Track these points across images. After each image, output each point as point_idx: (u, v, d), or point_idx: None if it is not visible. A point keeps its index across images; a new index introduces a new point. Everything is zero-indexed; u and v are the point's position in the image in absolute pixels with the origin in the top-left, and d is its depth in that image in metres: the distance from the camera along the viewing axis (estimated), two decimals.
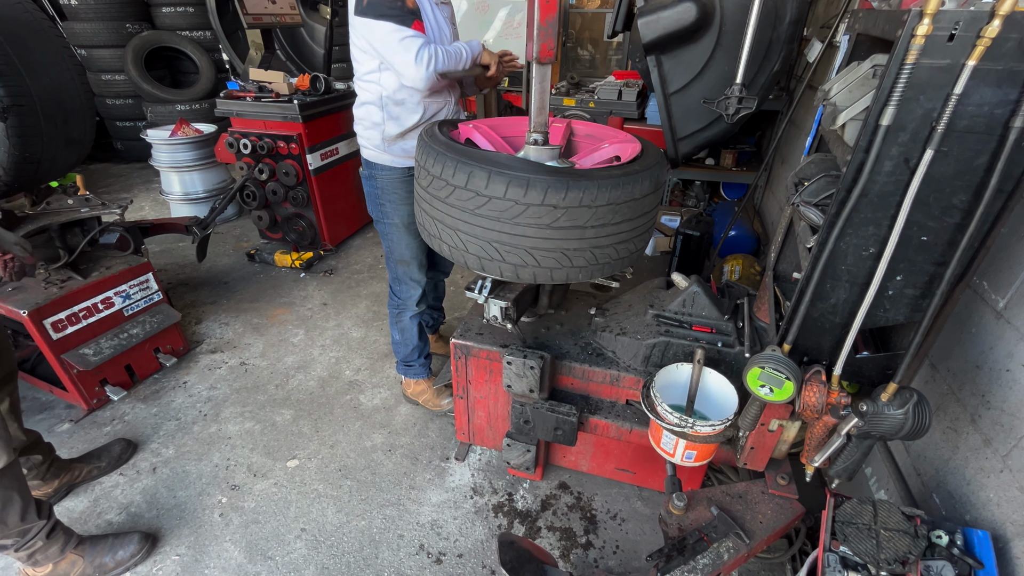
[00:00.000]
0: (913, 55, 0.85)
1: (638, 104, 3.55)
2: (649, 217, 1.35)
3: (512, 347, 1.64)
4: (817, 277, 1.11)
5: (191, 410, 2.34)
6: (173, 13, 5.12)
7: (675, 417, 1.35)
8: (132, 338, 2.35)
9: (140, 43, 4.91)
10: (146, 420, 2.28)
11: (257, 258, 3.62)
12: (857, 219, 1.03)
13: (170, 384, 2.49)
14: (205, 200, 4.09)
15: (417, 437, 2.21)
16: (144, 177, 5.27)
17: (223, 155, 3.45)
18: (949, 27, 0.83)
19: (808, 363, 1.25)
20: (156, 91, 4.98)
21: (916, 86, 0.89)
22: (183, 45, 5.11)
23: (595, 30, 6.19)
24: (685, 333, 1.59)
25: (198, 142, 3.93)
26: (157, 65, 5.16)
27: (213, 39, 5.23)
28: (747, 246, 3.26)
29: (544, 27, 1.19)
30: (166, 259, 3.66)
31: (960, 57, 0.85)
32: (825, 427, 1.23)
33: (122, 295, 2.33)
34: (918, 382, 1.54)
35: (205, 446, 2.15)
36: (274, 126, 3.24)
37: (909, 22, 0.84)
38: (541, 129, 1.36)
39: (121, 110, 5.38)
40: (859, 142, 0.96)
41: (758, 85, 2.34)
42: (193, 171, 4.01)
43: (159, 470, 2.04)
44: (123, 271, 2.31)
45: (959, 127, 0.90)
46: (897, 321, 1.11)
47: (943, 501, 1.36)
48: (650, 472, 1.91)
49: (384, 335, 2.88)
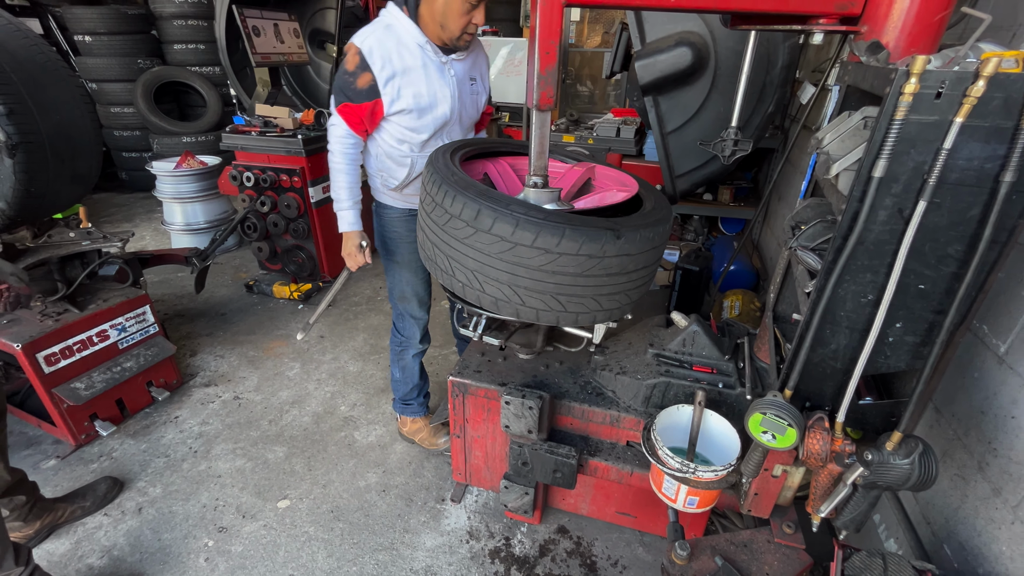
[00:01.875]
0: (902, 112, 0.88)
1: (636, 141, 3.64)
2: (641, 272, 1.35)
3: (510, 386, 1.63)
4: (816, 323, 1.11)
5: (181, 446, 2.30)
6: (184, 50, 5.30)
7: (677, 462, 1.33)
8: (125, 372, 2.33)
9: (151, 78, 5.07)
10: (134, 457, 2.23)
11: (255, 289, 3.63)
12: (854, 266, 1.04)
13: (161, 419, 2.46)
14: (206, 231, 4.13)
15: (412, 477, 2.17)
16: (147, 207, 5.34)
17: (226, 187, 3.51)
18: (935, 86, 0.86)
19: (810, 409, 1.23)
20: (163, 124, 5.11)
21: (906, 140, 0.91)
22: (192, 80, 5.26)
23: (594, 67, 6.40)
24: (685, 373, 1.58)
25: (202, 174, 4.00)
26: (165, 99, 5.30)
27: (222, 74, 5.39)
28: (747, 281, 3.28)
29: (544, 76, 1.23)
30: (164, 289, 3.66)
31: (948, 114, 0.87)
32: (830, 475, 1.21)
33: (118, 328, 2.32)
34: (923, 427, 1.53)
35: (194, 485, 2.10)
36: (278, 160, 3.30)
37: (897, 80, 0.87)
38: (541, 172, 1.38)
39: (128, 141, 5.50)
40: (853, 192, 0.98)
41: (753, 127, 2.41)
42: (196, 202, 4.06)
43: (145, 510, 1.99)
44: (120, 303, 2.31)
45: (950, 180, 0.92)
46: (899, 368, 1.11)
47: (955, 553, 1.32)
48: (652, 516, 1.86)
49: (381, 369, 2.86)
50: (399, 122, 1.72)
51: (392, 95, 1.66)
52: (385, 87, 1.64)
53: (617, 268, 1.23)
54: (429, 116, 1.71)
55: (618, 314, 1.37)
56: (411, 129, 1.73)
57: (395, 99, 1.66)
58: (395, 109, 1.68)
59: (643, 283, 1.37)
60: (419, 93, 1.68)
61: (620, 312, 1.37)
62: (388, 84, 1.64)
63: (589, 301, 1.27)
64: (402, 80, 1.65)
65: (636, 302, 1.39)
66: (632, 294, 1.34)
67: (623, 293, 1.31)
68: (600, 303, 1.29)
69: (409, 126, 1.73)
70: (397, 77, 1.64)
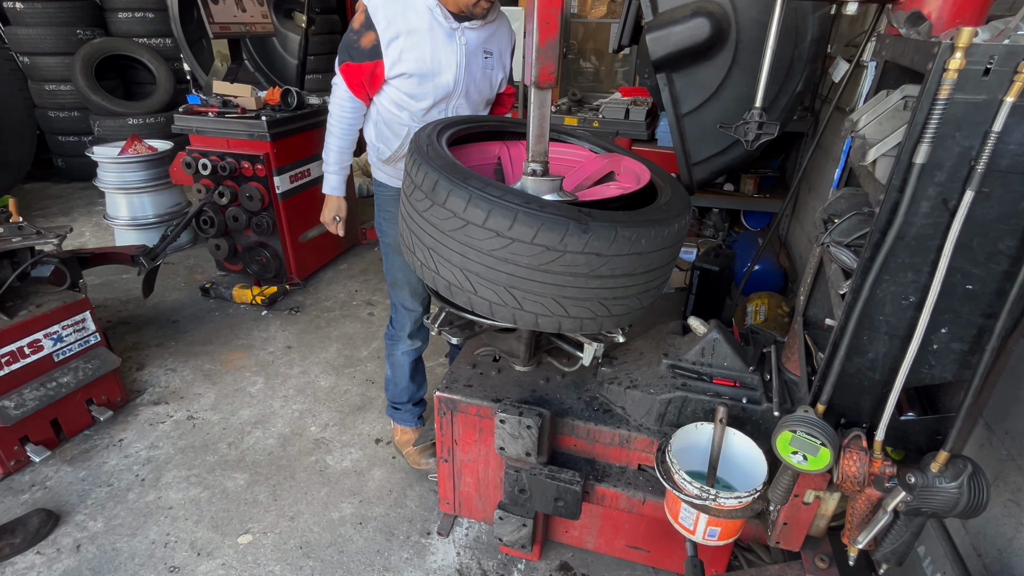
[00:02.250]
0: (946, 90, 0.90)
1: (647, 124, 3.66)
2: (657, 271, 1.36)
3: (506, 402, 1.63)
4: (852, 328, 1.13)
5: (126, 474, 2.28)
6: (130, 19, 5.28)
7: (695, 487, 1.33)
8: (62, 387, 2.32)
9: (91, 50, 5.04)
10: (72, 486, 2.22)
11: (213, 293, 3.61)
12: (894, 264, 1.06)
13: (103, 442, 2.44)
14: (156, 226, 4.11)
15: (393, 507, 2.16)
16: (87, 199, 5.31)
17: (179, 176, 3.49)
18: (983, 61, 0.88)
19: (846, 426, 1.24)
20: (106, 103, 5.08)
21: (951, 122, 0.93)
22: (139, 53, 5.25)
23: (599, 40, 6.44)
24: (705, 387, 1.59)
25: (151, 161, 3.99)
26: (109, 75, 5.28)
27: (174, 48, 5.38)
28: (773, 283, 3.30)
29: (544, 49, 1.24)
30: (106, 293, 3.64)
31: (997, 92, 0.89)
32: (868, 501, 1.22)
33: (53, 337, 2.31)
34: (972, 446, 1.54)
35: (141, 518, 2.09)
36: (238, 144, 3.30)
37: (940, 55, 0.89)
38: (540, 159, 1.39)
39: (65, 123, 5.46)
40: (892, 180, 1.00)
41: (779, 108, 2.43)
42: (144, 193, 4.05)
43: (84, 548, 1.97)
44: (56, 309, 2.30)
45: (1001, 167, 0.93)
46: (944, 379, 1.12)
47: None
48: (667, 550, 1.87)
49: (357, 384, 2.86)
50: (399, 87, 1.81)
51: (394, 57, 1.74)
52: (388, 48, 1.73)
53: (606, 270, 1.21)
54: (430, 83, 1.79)
55: (610, 323, 1.35)
56: (410, 96, 1.82)
57: (396, 62, 1.75)
58: (396, 72, 1.77)
59: (646, 288, 1.35)
60: (422, 57, 1.75)
61: (611, 321, 1.34)
62: (391, 45, 1.72)
63: (550, 303, 1.25)
64: (406, 42, 1.73)
65: (647, 307, 1.40)
66: (643, 298, 1.35)
67: (632, 297, 1.31)
68: (566, 308, 1.26)
69: (409, 92, 1.81)
70: (401, 38, 1.72)
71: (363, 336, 3.28)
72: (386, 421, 2.59)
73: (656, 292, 1.40)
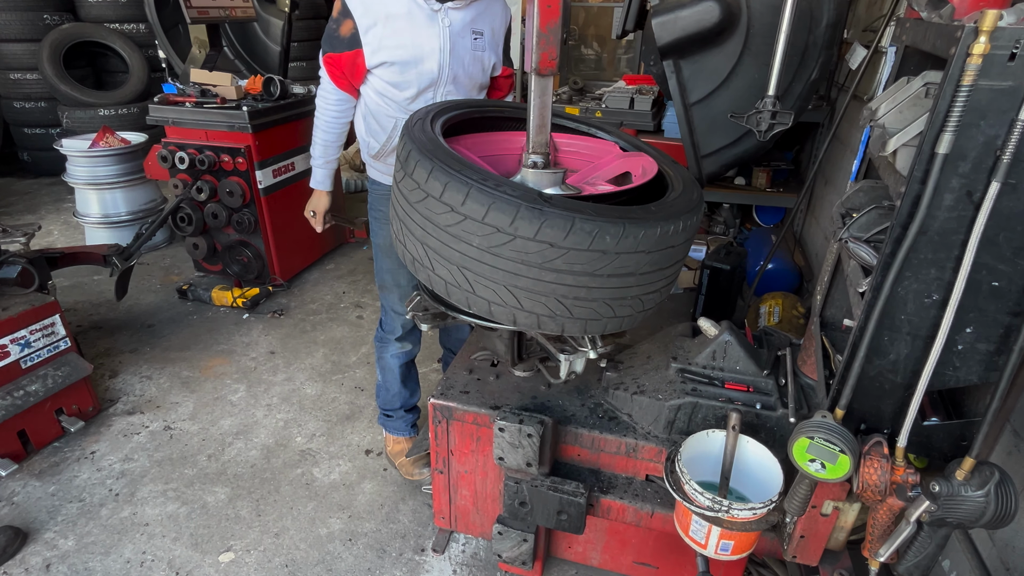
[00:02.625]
0: (970, 76, 0.91)
1: (653, 114, 3.68)
2: None
3: (505, 409, 1.63)
4: (873, 328, 1.14)
5: (99, 488, 2.28)
6: (101, 3, 5.29)
7: (707, 499, 1.34)
8: (29, 396, 2.31)
9: (59, 37, 5.04)
10: (41, 502, 2.21)
11: (190, 295, 3.61)
12: (916, 260, 1.07)
13: (74, 455, 2.43)
14: (129, 224, 4.10)
15: (385, 523, 2.16)
16: (55, 195, 5.30)
17: (154, 170, 3.49)
18: (1009, 46, 0.89)
19: (866, 432, 1.25)
20: (75, 93, 5.07)
21: (976, 110, 0.94)
22: (111, 40, 5.24)
23: (601, 26, 6.47)
24: (716, 392, 1.59)
25: (124, 154, 3.98)
26: (78, 62, 5.28)
27: (148, 34, 5.38)
28: (788, 282, 3.31)
29: (545, 34, 1.25)
30: (77, 296, 3.63)
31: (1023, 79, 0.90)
32: (890, 512, 1.23)
33: (20, 343, 2.30)
34: (998, 454, 1.55)
35: (115, 535, 2.08)
36: (217, 136, 3.30)
37: (963, 39, 0.90)
38: (541, 150, 1.40)
39: (31, 114, 5.46)
40: (914, 172, 1.01)
41: (793, 96, 2.44)
42: (116, 189, 4.04)
43: (54, 567, 1.97)
44: (23, 313, 2.29)
45: None
46: (969, 381, 1.14)
47: None
48: (677, 567, 1.87)
49: (345, 392, 2.86)
50: (382, 76, 1.82)
51: (374, 45, 1.75)
52: (366, 36, 1.73)
53: (562, 264, 1.18)
54: (413, 71, 1.79)
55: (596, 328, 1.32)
56: (393, 85, 1.83)
57: (376, 50, 1.75)
58: (376, 61, 1.78)
59: (617, 295, 1.29)
60: (402, 44, 1.75)
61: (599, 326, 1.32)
62: (369, 32, 1.73)
63: (502, 290, 1.25)
64: (384, 29, 1.73)
65: (621, 318, 1.34)
66: (616, 306, 1.29)
67: (599, 302, 1.26)
68: (519, 300, 1.25)
69: (392, 81, 1.82)
70: (379, 25, 1.72)
71: (351, 341, 3.28)
72: (377, 431, 2.59)
73: (633, 304, 1.33)
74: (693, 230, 1.33)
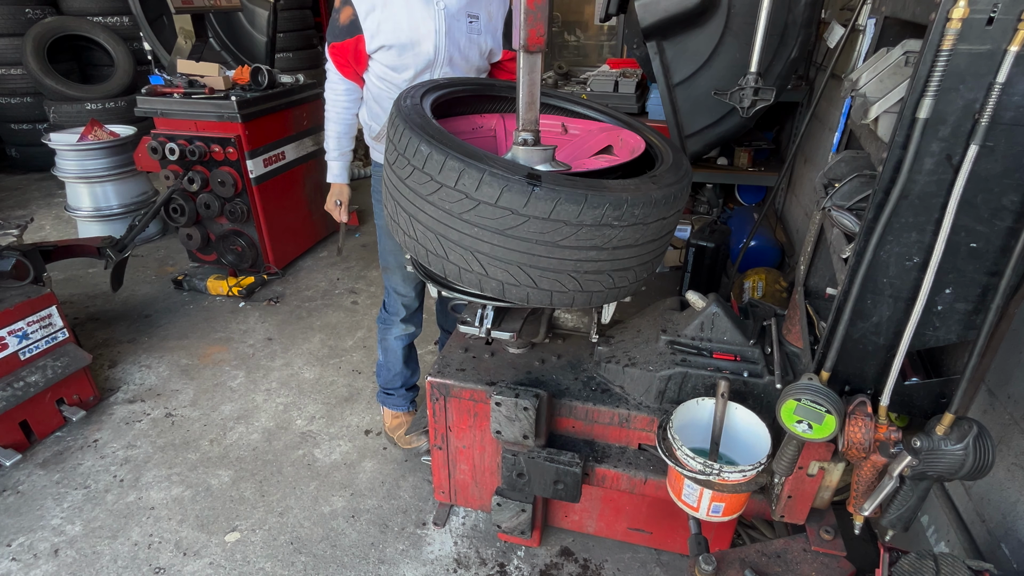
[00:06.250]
0: (949, 40, 0.91)
1: (637, 96, 3.66)
2: None
3: (501, 385, 1.64)
4: (856, 292, 1.14)
5: (104, 475, 2.26)
6: None
7: (698, 463, 1.35)
8: (30, 387, 2.28)
9: (43, 30, 4.90)
10: (46, 489, 2.19)
11: (186, 285, 3.57)
12: (898, 224, 1.07)
13: (77, 443, 2.41)
14: (122, 217, 4.03)
15: (386, 499, 2.17)
16: (45, 190, 5.19)
17: (144, 162, 3.42)
18: (987, 9, 0.89)
19: (850, 393, 1.27)
20: (61, 87, 4.95)
21: (955, 75, 0.94)
22: (95, 33, 5.10)
23: (584, 13, 6.40)
24: (705, 362, 1.61)
25: (113, 147, 3.90)
26: (63, 56, 5.13)
27: (132, 26, 5.24)
28: (770, 258, 3.34)
29: (532, 11, 1.23)
30: (72, 288, 3.57)
31: (1002, 42, 0.90)
32: (874, 468, 1.25)
33: (18, 335, 2.26)
34: (975, 411, 1.58)
35: (121, 520, 2.07)
36: (207, 127, 3.24)
37: (943, 4, 0.90)
38: (531, 127, 1.39)
39: (17, 110, 5.32)
40: (895, 137, 1.01)
41: (774, 74, 2.44)
42: (107, 182, 3.97)
43: (63, 553, 1.95)
44: (20, 305, 2.25)
45: (1005, 119, 0.95)
46: (949, 341, 1.15)
47: (1013, 552, 1.38)
48: (670, 531, 1.90)
49: (343, 375, 2.85)
50: (381, 60, 1.85)
51: (372, 30, 1.77)
52: (366, 21, 1.76)
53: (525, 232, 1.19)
54: (410, 54, 1.81)
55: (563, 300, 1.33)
56: (392, 68, 1.85)
57: (375, 34, 1.78)
58: (376, 45, 1.80)
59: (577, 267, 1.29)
60: (399, 27, 1.76)
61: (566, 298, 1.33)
62: (368, 18, 1.75)
63: (468, 255, 1.27)
64: (382, 13, 1.75)
65: (588, 294, 1.34)
66: (582, 279, 1.30)
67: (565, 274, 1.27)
68: (484, 266, 1.27)
69: (390, 64, 1.84)
70: (377, 10, 1.75)
71: (347, 325, 3.26)
72: (375, 411, 2.59)
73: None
74: (685, 198, 1.35)
